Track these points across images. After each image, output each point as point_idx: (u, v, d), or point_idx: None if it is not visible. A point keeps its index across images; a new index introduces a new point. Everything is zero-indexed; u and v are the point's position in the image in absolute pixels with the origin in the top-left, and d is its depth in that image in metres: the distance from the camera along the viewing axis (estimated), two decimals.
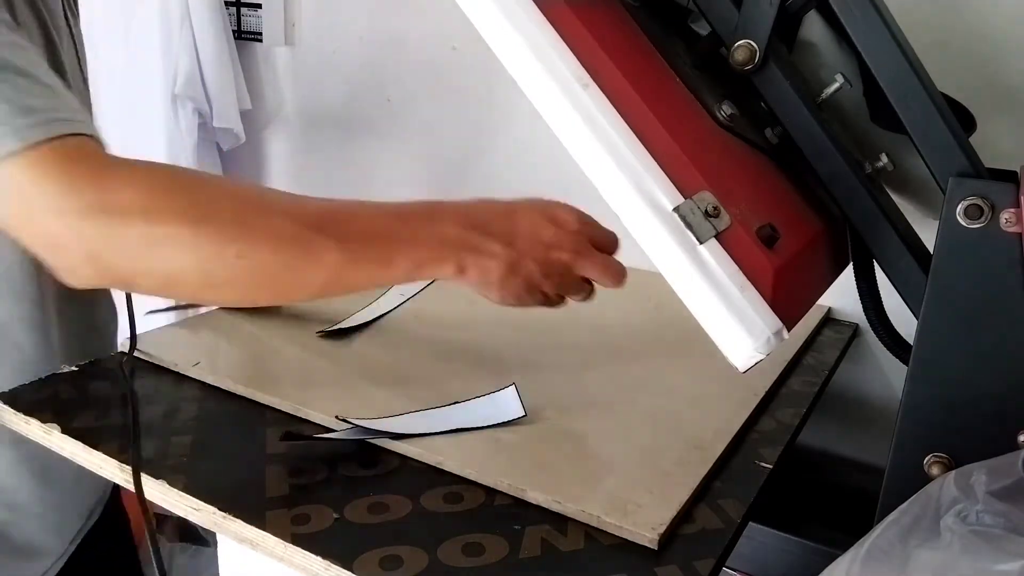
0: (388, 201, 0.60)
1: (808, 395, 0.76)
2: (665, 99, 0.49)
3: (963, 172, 0.48)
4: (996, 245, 0.46)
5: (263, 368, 0.70)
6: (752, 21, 0.50)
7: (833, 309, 0.99)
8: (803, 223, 0.55)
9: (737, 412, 0.68)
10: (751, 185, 0.52)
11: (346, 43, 1.31)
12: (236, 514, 0.52)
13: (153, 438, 0.60)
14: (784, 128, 0.53)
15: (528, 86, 0.46)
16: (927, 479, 0.46)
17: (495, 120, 1.20)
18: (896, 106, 0.50)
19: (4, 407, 0.63)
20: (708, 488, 0.58)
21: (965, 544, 0.36)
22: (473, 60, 1.18)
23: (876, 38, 0.49)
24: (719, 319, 0.46)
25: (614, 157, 0.46)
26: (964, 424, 0.49)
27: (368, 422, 0.61)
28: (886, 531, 0.40)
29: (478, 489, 0.56)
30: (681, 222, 0.46)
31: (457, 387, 0.69)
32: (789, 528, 0.85)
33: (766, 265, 0.47)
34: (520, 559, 0.49)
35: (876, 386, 1.01)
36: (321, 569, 0.48)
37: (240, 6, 1.37)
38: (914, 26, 0.57)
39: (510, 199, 0.62)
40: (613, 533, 0.52)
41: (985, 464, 0.41)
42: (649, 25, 0.53)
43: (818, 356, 0.86)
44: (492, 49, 0.47)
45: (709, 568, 0.50)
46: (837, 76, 0.54)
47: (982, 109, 0.63)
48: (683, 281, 0.46)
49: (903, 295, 0.53)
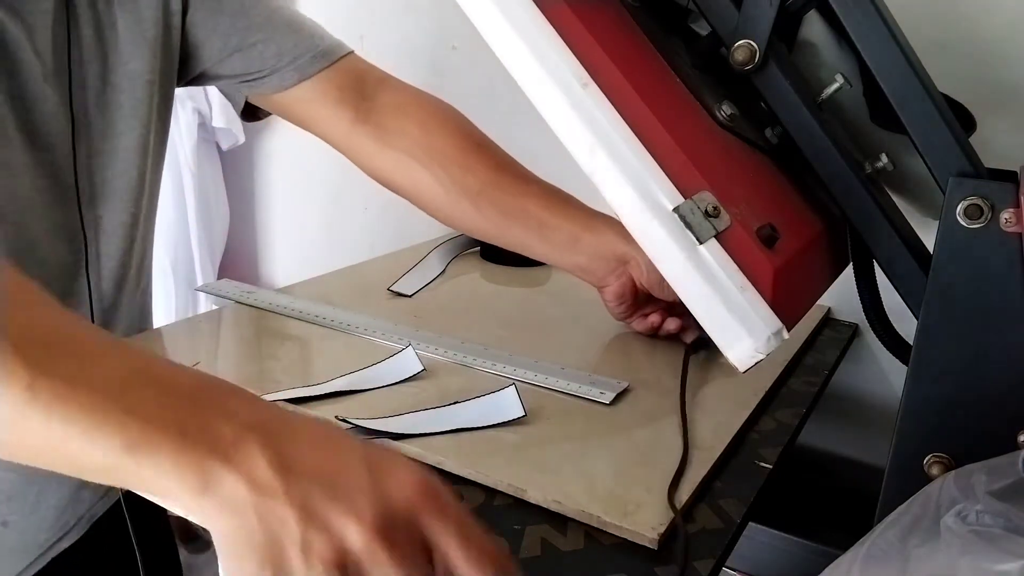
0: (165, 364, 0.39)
1: (808, 395, 0.76)
2: (665, 99, 0.49)
3: (963, 172, 0.48)
4: (996, 245, 0.46)
5: (263, 368, 0.70)
6: (752, 21, 0.50)
7: (833, 309, 1.00)
8: (803, 223, 0.55)
9: (737, 412, 0.68)
10: (751, 185, 0.52)
11: (346, 43, 1.31)
12: None
13: None
14: (784, 128, 0.53)
15: (528, 86, 0.46)
16: (927, 479, 0.46)
17: (495, 120, 1.20)
18: (896, 106, 0.50)
19: None
20: (708, 488, 0.58)
21: (965, 544, 0.36)
22: (473, 60, 1.18)
23: (876, 38, 0.49)
24: (719, 319, 0.46)
25: (614, 157, 0.46)
26: (964, 424, 0.49)
27: (368, 422, 0.61)
28: (886, 531, 0.40)
29: (478, 489, 0.56)
30: (681, 222, 0.46)
31: (455, 387, 0.69)
32: (789, 528, 0.85)
33: (766, 265, 0.47)
34: (520, 559, 0.49)
35: (876, 386, 1.01)
36: None
37: None
38: (914, 26, 0.57)
39: (348, 434, 0.40)
40: (613, 533, 0.52)
41: (985, 464, 0.41)
42: (649, 25, 0.53)
43: (818, 356, 0.86)
44: (492, 49, 0.47)
45: (709, 568, 0.50)
46: (837, 76, 0.54)
47: (982, 109, 0.63)
48: (683, 281, 0.46)
49: (903, 295, 0.53)
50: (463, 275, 1.03)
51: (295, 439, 0.38)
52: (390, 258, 1.06)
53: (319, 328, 0.80)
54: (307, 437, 0.38)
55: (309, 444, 0.38)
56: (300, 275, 0.99)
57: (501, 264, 1.08)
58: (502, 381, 0.71)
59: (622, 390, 0.70)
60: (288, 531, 0.36)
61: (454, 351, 0.75)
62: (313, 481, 0.36)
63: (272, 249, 1.49)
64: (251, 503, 0.36)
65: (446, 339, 0.78)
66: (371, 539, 0.36)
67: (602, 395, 0.68)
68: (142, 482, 0.37)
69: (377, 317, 0.82)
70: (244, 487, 0.36)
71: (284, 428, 0.38)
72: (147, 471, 0.36)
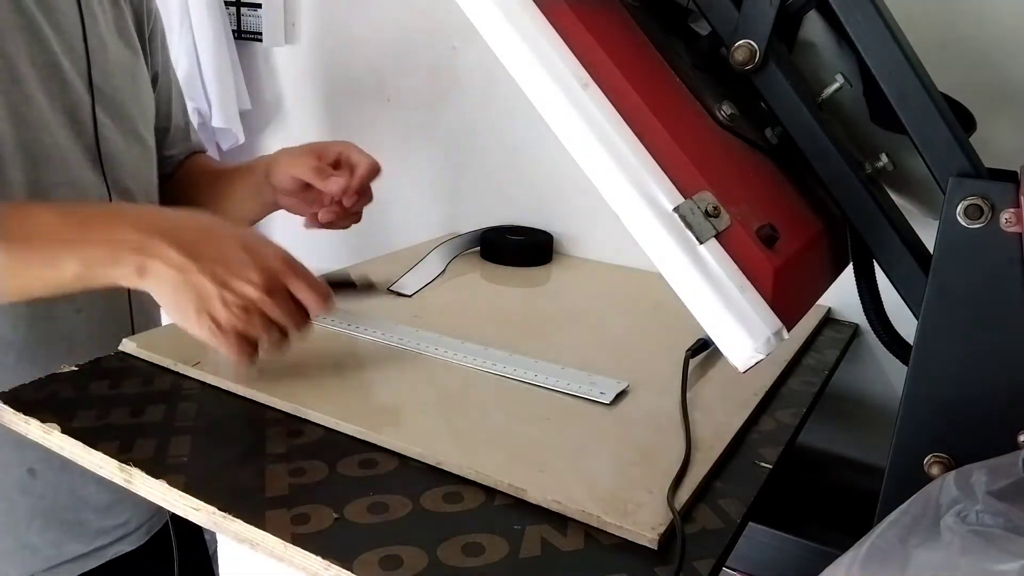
0: (75, 202, 0.66)
1: (808, 395, 0.76)
2: (665, 99, 0.49)
3: (963, 172, 0.48)
4: (996, 245, 0.46)
5: (263, 368, 0.70)
6: (752, 21, 0.50)
7: (833, 309, 1.00)
8: (803, 223, 0.55)
9: (737, 412, 0.68)
10: (751, 185, 0.52)
11: (346, 43, 1.31)
12: (236, 514, 0.52)
13: (153, 438, 0.60)
14: (784, 128, 0.53)
15: (528, 86, 0.46)
16: (927, 479, 0.46)
17: (495, 120, 1.20)
18: (896, 106, 0.50)
19: (4, 407, 0.63)
20: (708, 488, 0.58)
21: (965, 544, 0.36)
22: (473, 60, 1.18)
23: (876, 38, 0.49)
24: (719, 319, 0.46)
25: (614, 157, 0.46)
26: (964, 424, 0.49)
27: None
28: (886, 531, 0.40)
29: (478, 489, 0.56)
30: (681, 222, 0.46)
31: (455, 387, 0.69)
32: (789, 528, 0.85)
33: (766, 265, 0.47)
34: (520, 559, 0.49)
35: (876, 386, 1.01)
36: (321, 569, 0.48)
37: (240, 6, 1.37)
38: (914, 26, 0.57)
39: (220, 222, 0.62)
40: (613, 533, 0.52)
41: (985, 464, 0.41)
42: (649, 25, 0.53)
43: (818, 356, 0.86)
44: (492, 49, 0.47)
45: (709, 568, 0.50)
46: (837, 76, 0.54)
47: (982, 109, 0.63)
48: (683, 281, 0.46)
49: (903, 295, 0.53)
50: (463, 275, 1.03)
51: (188, 234, 0.58)
52: (390, 258, 1.06)
53: (319, 328, 0.80)
54: (196, 232, 0.59)
55: (199, 236, 0.59)
56: None
57: (501, 264, 1.08)
58: (502, 381, 0.71)
59: (622, 390, 0.70)
60: (208, 291, 0.58)
61: (454, 351, 0.75)
62: (213, 260, 0.58)
63: None
64: (177, 278, 0.58)
65: (446, 339, 0.78)
66: (262, 293, 0.59)
67: (602, 395, 0.68)
68: (104, 279, 0.58)
69: (377, 317, 0.82)
70: (167, 268, 0.57)
71: (178, 228, 0.59)
72: (99, 273, 0.58)
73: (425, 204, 1.30)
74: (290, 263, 0.61)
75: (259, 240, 0.61)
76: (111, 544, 0.81)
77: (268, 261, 0.59)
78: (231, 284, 0.58)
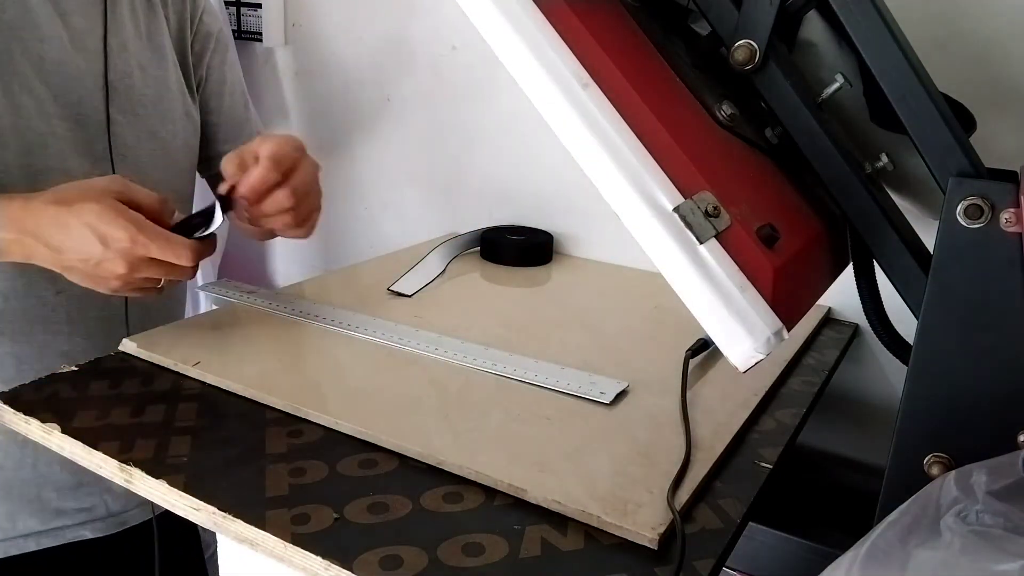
0: None
1: (808, 395, 0.76)
2: (665, 99, 0.49)
3: (963, 172, 0.48)
4: (996, 245, 0.46)
5: (263, 368, 0.70)
6: (752, 21, 0.50)
7: (833, 309, 1.00)
8: (803, 223, 0.55)
9: (737, 412, 0.68)
10: (751, 185, 0.52)
11: (346, 43, 1.31)
12: (236, 514, 0.52)
13: (153, 438, 0.60)
14: (784, 128, 0.53)
15: (528, 86, 0.46)
16: (927, 479, 0.46)
17: (495, 120, 1.20)
18: (896, 106, 0.50)
19: (4, 407, 0.63)
20: (708, 488, 0.58)
21: (965, 544, 0.36)
22: (473, 60, 1.18)
23: (876, 38, 0.49)
24: (719, 319, 0.46)
25: (614, 157, 0.46)
26: (964, 424, 0.49)
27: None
28: (886, 531, 0.40)
29: (478, 489, 0.56)
30: (681, 222, 0.46)
31: (455, 386, 0.69)
32: (789, 528, 0.85)
33: (766, 265, 0.47)
34: (520, 559, 0.49)
35: (876, 386, 1.01)
36: (321, 569, 0.48)
37: (240, 6, 1.37)
38: (914, 26, 0.57)
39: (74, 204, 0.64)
40: (613, 533, 0.52)
41: (985, 464, 0.41)
42: (649, 25, 0.53)
43: (818, 356, 0.86)
44: (492, 49, 0.47)
45: (709, 568, 0.50)
46: (837, 76, 0.54)
47: (982, 109, 0.63)
48: (683, 281, 0.46)
49: (903, 295, 0.53)
50: (463, 275, 1.03)
51: (47, 230, 0.64)
52: (390, 258, 1.06)
53: (319, 328, 0.80)
54: (54, 227, 0.64)
55: (56, 230, 0.64)
56: (300, 275, 0.99)
57: (501, 264, 1.08)
58: (502, 381, 0.71)
59: (622, 390, 0.70)
60: (86, 279, 0.66)
61: (454, 351, 0.75)
62: (76, 257, 0.64)
63: (272, 249, 1.50)
64: (55, 264, 0.66)
65: (446, 339, 0.78)
66: (128, 272, 0.65)
67: (602, 395, 0.68)
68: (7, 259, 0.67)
69: (377, 317, 0.82)
70: (45, 259, 0.66)
71: (40, 225, 0.64)
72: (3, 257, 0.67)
73: (425, 204, 1.30)
74: (143, 234, 0.63)
75: (109, 222, 0.63)
76: (71, 527, 0.81)
77: (120, 244, 0.63)
78: (100, 274, 0.65)
